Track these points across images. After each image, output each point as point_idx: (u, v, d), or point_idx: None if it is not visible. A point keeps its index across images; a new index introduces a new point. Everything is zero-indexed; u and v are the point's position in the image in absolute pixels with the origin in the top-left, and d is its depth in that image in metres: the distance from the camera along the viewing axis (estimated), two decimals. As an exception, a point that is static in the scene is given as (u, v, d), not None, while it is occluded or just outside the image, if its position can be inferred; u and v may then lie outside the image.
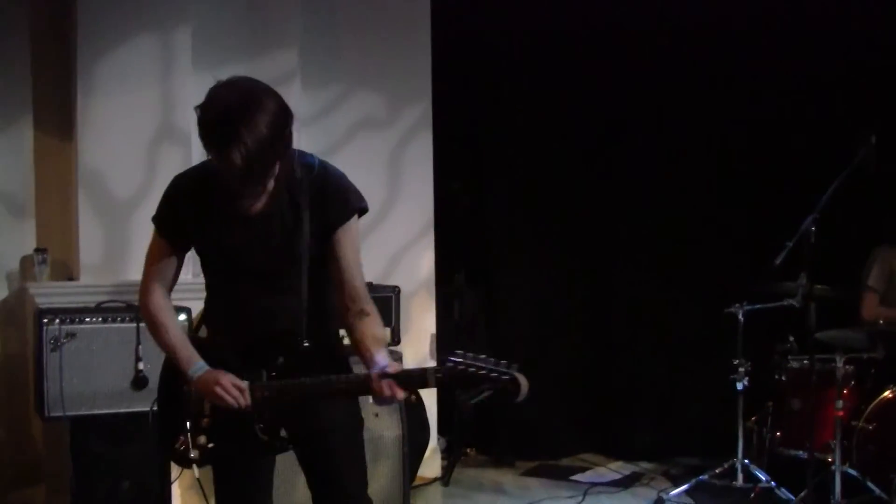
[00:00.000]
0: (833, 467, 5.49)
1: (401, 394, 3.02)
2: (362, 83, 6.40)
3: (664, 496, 6.09)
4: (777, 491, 5.83)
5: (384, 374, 3.02)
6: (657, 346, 7.13)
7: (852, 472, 5.53)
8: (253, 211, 3.17)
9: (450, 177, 6.89)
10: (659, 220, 7.10)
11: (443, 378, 2.94)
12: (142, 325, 5.02)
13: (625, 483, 6.65)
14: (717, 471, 6.08)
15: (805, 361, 5.73)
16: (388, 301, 5.72)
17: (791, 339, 6.04)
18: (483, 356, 2.90)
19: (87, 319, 4.99)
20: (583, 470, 6.99)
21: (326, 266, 3.25)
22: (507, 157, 7.09)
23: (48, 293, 5.32)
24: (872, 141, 5.14)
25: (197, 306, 5.44)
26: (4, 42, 5.53)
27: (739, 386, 6.01)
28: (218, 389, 3.10)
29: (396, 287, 5.80)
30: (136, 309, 5.01)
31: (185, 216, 3.23)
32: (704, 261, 6.98)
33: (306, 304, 3.19)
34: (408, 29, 6.46)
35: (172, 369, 3.30)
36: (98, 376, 4.99)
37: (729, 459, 6.07)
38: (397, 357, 5.68)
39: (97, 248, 5.48)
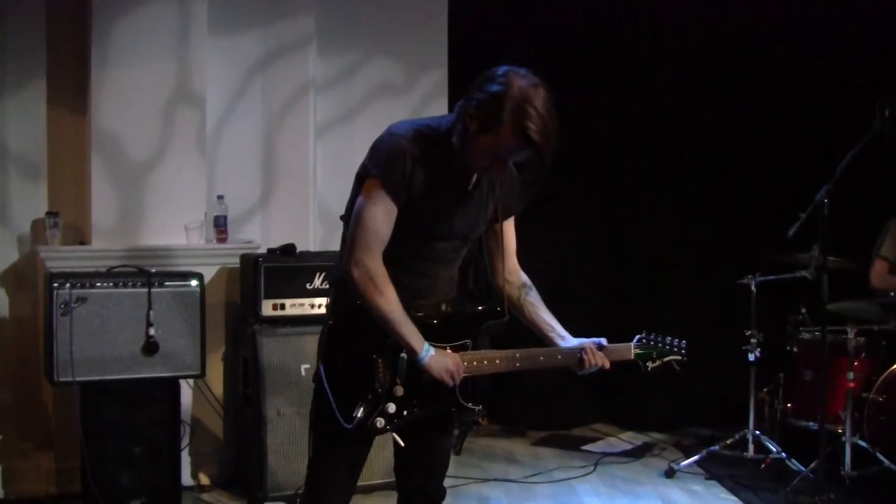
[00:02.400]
0: (843, 438, 5.49)
1: (608, 364, 3.50)
2: (379, 49, 6.36)
3: (675, 466, 6.10)
4: (788, 462, 5.82)
5: (600, 347, 3.47)
6: (670, 317, 7.08)
7: (862, 443, 5.53)
8: (468, 186, 3.20)
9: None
10: (674, 192, 7.08)
11: (639, 353, 3.62)
12: (154, 290, 5.05)
13: (636, 453, 6.66)
14: (728, 441, 6.09)
15: (817, 333, 5.72)
16: (399, 270, 5.69)
17: (803, 310, 6.04)
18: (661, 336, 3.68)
19: (99, 284, 4.98)
20: (594, 440, 7.00)
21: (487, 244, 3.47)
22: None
23: (59, 257, 5.31)
24: (887, 113, 5.10)
25: (209, 272, 5.49)
26: (20, 5, 5.50)
27: (751, 357, 6.01)
28: (453, 369, 3.15)
29: (408, 255, 5.77)
30: (148, 274, 5.06)
31: (416, 178, 3.09)
32: (718, 232, 6.95)
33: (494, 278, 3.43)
34: (425, -5, 6.43)
35: (349, 336, 3.20)
36: (108, 341, 4.99)
37: (740, 430, 6.07)
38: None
39: (110, 213, 5.47)
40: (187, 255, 5.54)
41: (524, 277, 3.51)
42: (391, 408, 3.17)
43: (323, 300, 5.45)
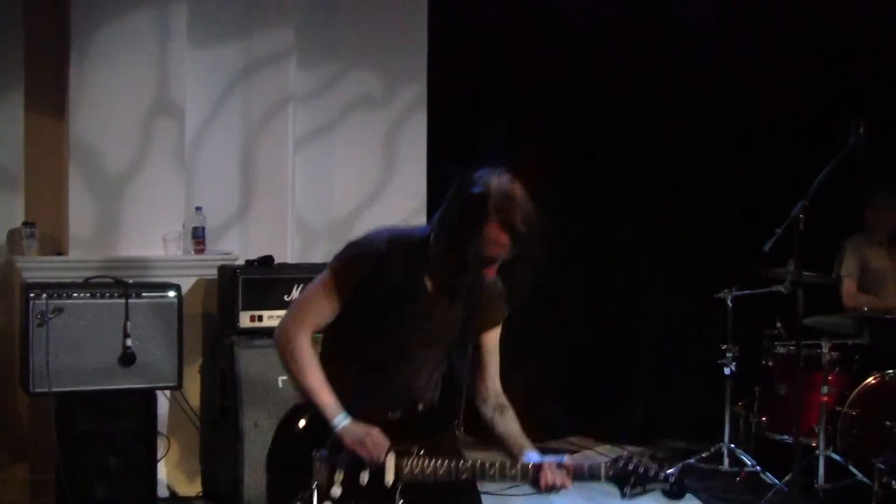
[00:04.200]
0: (817, 452, 5.53)
1: (570, 484, 3.13)
2: (358, 62, 6.37)
3: (650, 479, 6.10)
4: (763, 475, 5.87)
5: (560, 465, 3.12)
6: (646, 331, 7.14)
7: (836, 456, 5.58)
8: (442, 294, 3.18)
9: (444, 158, 6.84)
10: (650, 206, 7.09)
11: (616, 475, 3.09)
12: (131, 301, 5.03)
13: (612, 466, 6.66)
14: (703, 455, 6.13)
15: (792, 347, 5.76)
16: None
17: (779, 324, 6.07)
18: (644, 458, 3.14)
19: (75, 294, 4.97)
20: (571, 452, 6.99)
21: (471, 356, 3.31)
22: (502, 139, 7.06)
23: (36, 267, 5.30)
24: (861, 130, 5.14)
25: (186, 284, 5.48)
26: (-2, 13, 5.49)
27: (727, 371, 6.05)
28: (368, 441, 3.05)
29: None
30: (125, 285, 5.05)
31: (380, 281, 3.10)
32: (694, 246, 6.98)
33: (465, 389, 3.25)
34: (405, 8, 6.44)
35: (293, 432, 3.20)
36: (85, 352, 4.97)
37: (716, 443, 6.11)
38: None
39: (87, 223, 5.46)
40: (165, 266, 5.53)
41: (503, 399, 3.32)
42: None
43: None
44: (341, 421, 3.06)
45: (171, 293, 5.21)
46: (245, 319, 5.37)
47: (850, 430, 5.59)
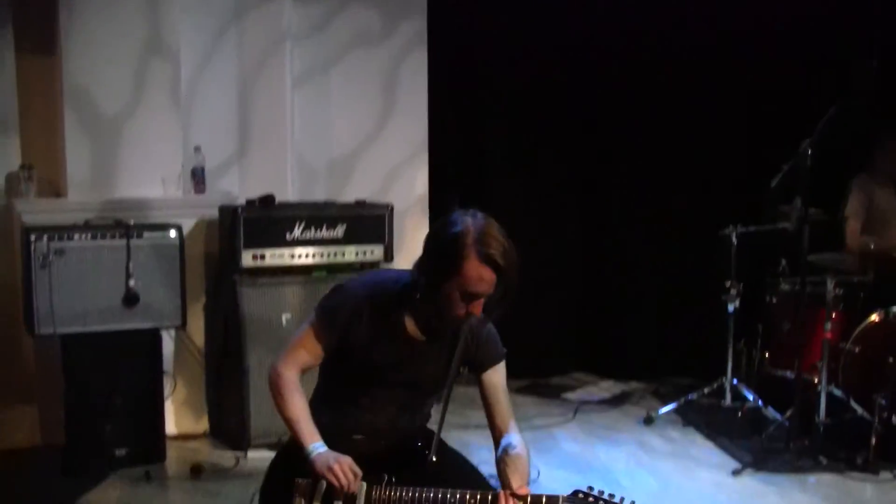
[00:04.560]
0: (819, 388, 5.54)
1: None
2: (356, -3, 6.29)
3: (653, 414, 6.17)
4: (764, 410, 5.90)
5: (515, 496, 3.08)
6: (651, 267, 7.14)
7: (837, 392, 5.59)
8: (421, 337, 3.26)
9: (446, 95, 6.79)
10: (656, 142, 7.04)
11: None
12: (132, 241, 5.05)
13: (615, 401, 6.73)
14: (705, 390, 6.16)
15: (796, 284, 5.75)
16: (380, 219, 5.69)
17: (783, 262, 6.05)
18: (608, 494, 3.08)
19: (76, 237, 4.97)
20: (573, 388, 7.05)
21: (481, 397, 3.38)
22: (503, 78, 7.00)
23: (35, 210, 5.28)
24: (870, 68, 5.09)
25: (187, 224, 5.47)
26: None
27: (730, 308, 6.05)
28: (336, 467, 3.09)
29: (390, 205, 5.77)
30: (126, 226, 5.05)
31: (359, 330, 3.21)
32: (700, 183, 6.94)
33: (440, 424, 3.27)
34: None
35: (287, 455, 3.31)
36: (88, 293, 4.99)
37: (718, 379, 6.13)
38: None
39: (85, 165, 5.43)
40: (165, 206, 5.52)
41: (513, 439, 3.31)
42: None
43: (303, 250, 5.47)
44: (315, 449, 3.13)
45: (173, 233, 5.21)
46: (247, 258, 5.37)
47: (851, 367, 5.59)
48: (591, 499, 3.04)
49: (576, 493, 3.06)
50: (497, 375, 3.37)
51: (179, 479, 5.12)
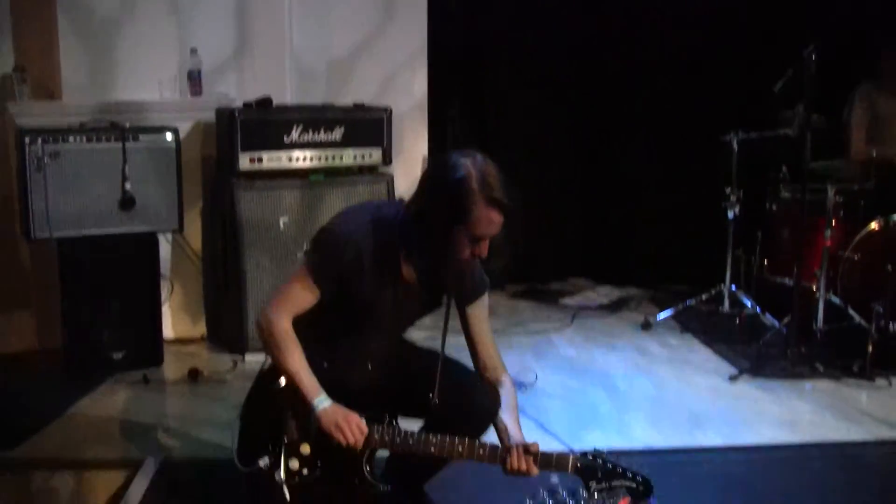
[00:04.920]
0: (817, 295, 5.55)
1: (535, 471, 3.11)
2: None
3: (651, 320, 6.19)
4: (762, 317, 5.92)
5: (527, 451, 3.10)
6: (650, 173, 7.09)
7: (835, 299, 5.60)
8: (417, 280, 3.26)
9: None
10: (656, 45, 6.93)
11: (583, 468, 3.08)
12: (128, 144, 5.00)
13: (613, 307, 6.75)
14: (704, 297, 6.18)
15: (797, 192, 5.72)
16: (379, 122, 5.63)
17: (784, 169, 6.01)
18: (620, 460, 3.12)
19: (71, 139, 4.91)
20: (572, 294, 7.07)
21: (464, 333, 3.39)
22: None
23: (30, 113, 5.21)
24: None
25: (184, 127, 5.41)
26: None
27: (730, 214, 6.03)
28: (344, 425, 3.11)
29: (388, 108, 5.70)
30: (122, 129, 5.00)
31: (357, 272, 3.17)
32: (701, 88, 6.84)
33: (440, 363, 3.25)
34: None
35: (275, 386, 3.26)
36: (84, 197, 4.96)
37: (717, 286, 6.14)
38: (389, 178, 5.68)
39: (79, 67, 5.35)
40: (161, 109, 5.46)
41: (501, 374, 3.38)
42: (294, 464, 3.20)
43: (301, 153, 5.42)
44: (320, 403, 3.13)
45: (169, 136, 5.16)
46: (244, 161, 5.32)
47: (850, 275, 5.59)
48: (599, 461, 3.07)
49: (585, 454, 3.11)
50: (481, 309, 3.38)
51: (177, 383, 5.14)
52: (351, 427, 3.10)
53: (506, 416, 3.27)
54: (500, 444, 3.17)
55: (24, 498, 3.95)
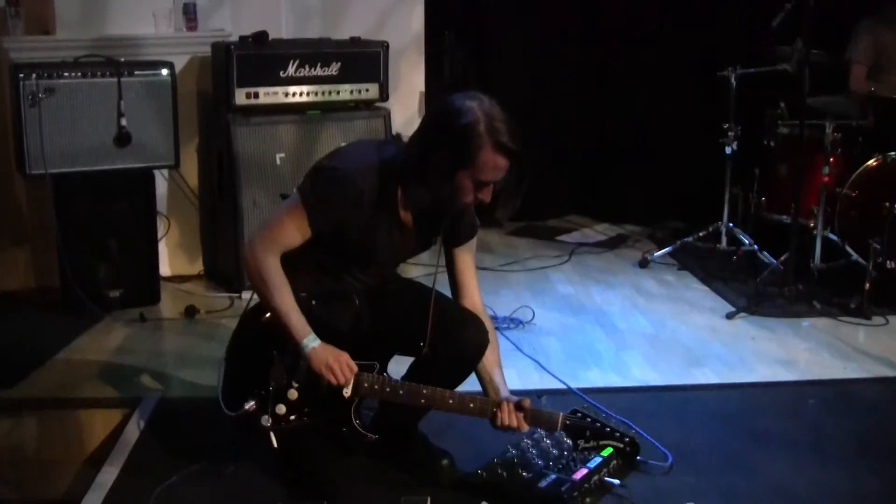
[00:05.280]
0: (815, 232, 5.55)
1: (525, 428, 3.13)
2: None
3: (649, 257, 6.19)
4: (759, 254, 5.92)
5: (519, 407, 3.11)
6: (648, 109, 7.04)
7: (833, 236, 5.60)
8: (408, 224, 3.23)
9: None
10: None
11: (570, 424, 3.09)
12: (123, 79, 4.95)
13: (610, 244, 6.74)
14: (701, 234, 6.17)
15: (795, 128, 5.70)
16: (375, 57, 5.58)
17: (782, 104, 5.97)
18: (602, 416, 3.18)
19: (66, 74, 4.85)
20: (569, 231, 7.07)
21: (448, 274, 3.38)
22: None
23: (23, 48, 5.15)
24: None
25: (179, 62, 5.35)
26: None
27: (728, 150, 6.00)
28: (334, 365, 3.08)
29: (385, 42, 5.63)
30: (117, 64, 4.95)
31: (355, 214, 3.11)
32: (699, 22, 6.78)
33: (432, 310, 3.21)
34: None
35: (260, 328, 3.23)
36: (79, 133, 4.91)
37: (714, 223, 6.13)
38: (385, 113, 5.63)
39: (73, 1, 5.28)
40: (156, 44, 5.40)
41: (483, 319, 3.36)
42: (281, 409, 3.17)
43: (298, 88, 5.37)
44: (310, 343, 3.10)
45: (164, 71, 5.11)
46: (241, 97, 5.28)
47: (848, 211, 5.58)
48: (589, 418, 3.10)
49: (574, 411, 3.13)
50: (469, 252, 3.36)
51: (174, 321, 5.15)
52: (341, 367, 3.09)
53: (491, 367, 3.28)
54: (489, 398, 3.16)
55: (21, 437, 3.98)
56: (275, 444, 3.18)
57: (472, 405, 3.11)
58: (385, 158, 3.13)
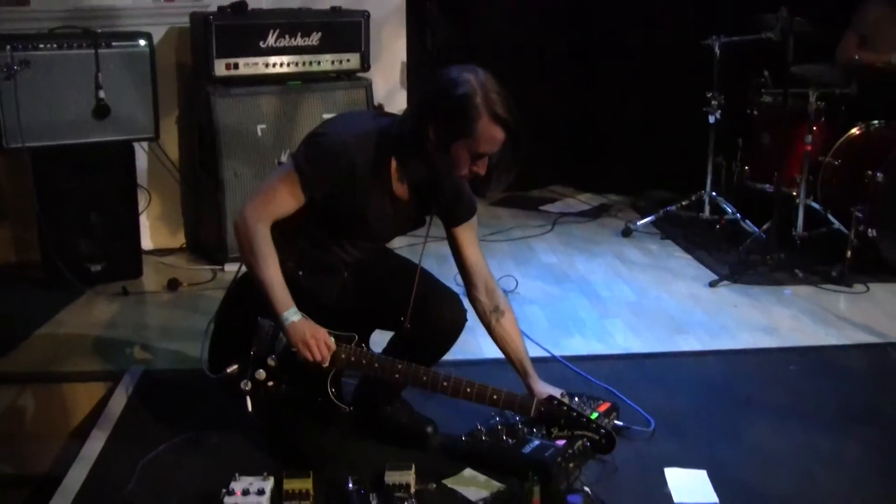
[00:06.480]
0: (797, 201, 5.56)
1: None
2: None
3: (632, 226, 6.19)
4: (742, 223, 5.93)
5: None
6: (631, 78, 7.02)
7: (815, 205, 5.61)
8: (402, 197, 3.21)
9: None
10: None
11: (545, 412, 3.06)
12: (101, 51, 4.90)
13: (593, 214, 6.75)
14: (684, 203, 6.17)
15: (778, 97, 5.69)
16: (357, 27, 5.55)
17: (766, 73, 5.96)
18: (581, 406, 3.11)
19: (42, 46, 4.80)
20: (552, 201, 7.06)
21: (454, 257, 3.37)
22: None
23: (-3, 19, 5.10)
24: None
25: (157, 33, 5.31)
26: None
27: (711, 119, 5.99)
28: (311, 342, 3.06)
29: (366, 12, 5.60)
30: (94, 35, 4.89)
31: (350, 193, 3.10)
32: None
33: (416, 286, 3.21)
34: None
35: (249, 294, 3.19)
36: (57, 106, 4.87)
37: (697, 192, 6.12)
38: (367, 84, 5.60)
39: (48, -30, 5.22)
40: (134, 14, 5.36)
41: (498, 299, 3.36)
42: (260, 374, 3.17)
43: (278, 59, 5.34)
44: (290, 316, 3.08)
45: (143, 42, 5.06)
46: (220, 68, 5.24)
47: (830, 180, 5.60)
48: (564, 407, 3.07)
49: (551, 399, 3.10)
50: (471, 231, 3.35)
51: (157, 293, 5.12)
52: (318, 343, 3.08)
53: (514, 345, 3.34)
54: (462, 379, 3.12)
55: (5, 412, 3.96)
56: (250, 408, 3.18)
57: (445, 383, 3.10)
58: (381, 128, 3.12)
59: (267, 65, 5.35)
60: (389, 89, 6.05)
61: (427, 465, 3.19)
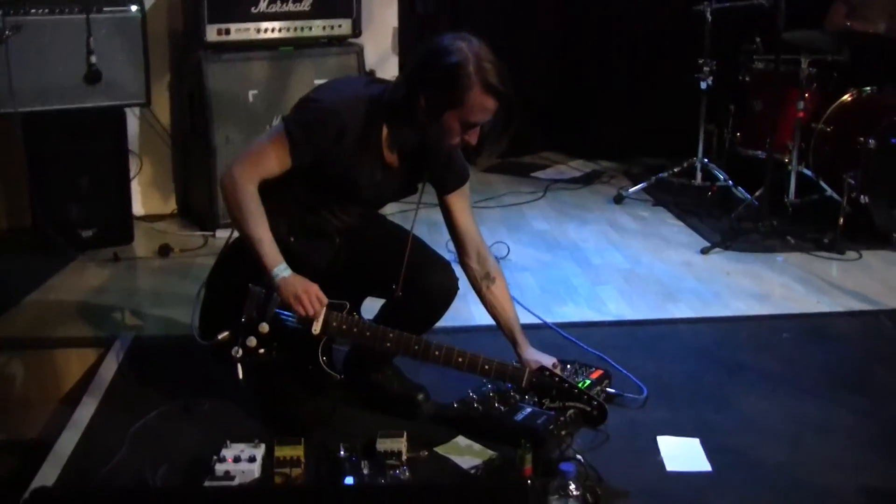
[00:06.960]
0: (789, 167, 5.56)
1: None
2: None
3: (623, 193, 6.19)
4: (734, 189, 5.94)
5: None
6: (622, 45, 7.01)
7: (807, 172, 5.62)
8: (392, 164, 3.20)
9: None
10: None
11: (537, 382, 3.09)
12: (92, 16, 4.87)
13: (585, 180, 6.74)
14: (676, 170, 6.16)
15: (770, 62, 5.68)
16: (348, -8, 5.54)
17: (758, 39, 5.94)
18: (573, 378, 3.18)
19: (33, 11, 4.76)
20: (544, 167, 7.06)
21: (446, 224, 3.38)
22: None
23: (-12, -16, 5.05)
24: None
25: (147, -2, 5.26)
26: None
27: (703, 85, 5.97)
28: (303, 297, 3.03)
29: (357, -23, 5.59)
30: (85, 0, 4.84)
31: (339, 157, 3.07)
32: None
33: (408, 253, 3.20)
34: None
35: (241, 259, 3.17)
36: (48, 71, 4.83)
37: (689, 159, 6.12)
38: (358, 49, 5.58)
39: (38, -66, 5.16)
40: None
41: (490, 266, 3.37)
42: (251, 341, 3.15)
43: (269, 24, 5.31)
44: (280, 272, 3.06)
45: (134, 7, 5.03)
46: (212, 33, 5.21)
47: (822, 147, 5.60)
48: (556, 378, 3.09)
49: (542, 370, 3.12)
50: (464, 199, 3.35)
51: (148, 259, 5.12)
52: (311, 297, 3.05)
53: (505, 313, 3.36)
54: (454, 351, 3.11)
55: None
56: (240, 375, 3.18)
57: (436, 353, 3.10)
58: (372, 95, 3.10)
59: (258, 30, 5.32)
60: (381, 55, 6.01)
61: (418, 433, 3.21)
